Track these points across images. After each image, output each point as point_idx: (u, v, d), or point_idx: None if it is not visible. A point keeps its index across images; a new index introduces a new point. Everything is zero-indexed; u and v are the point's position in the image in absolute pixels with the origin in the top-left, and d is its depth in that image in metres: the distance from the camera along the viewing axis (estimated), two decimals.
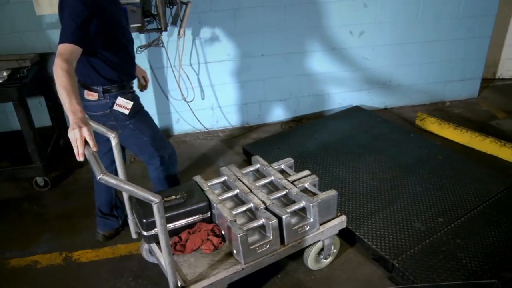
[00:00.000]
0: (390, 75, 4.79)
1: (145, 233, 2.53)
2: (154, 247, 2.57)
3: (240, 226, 2.35)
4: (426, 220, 3.04)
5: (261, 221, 2.42)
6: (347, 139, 4.11)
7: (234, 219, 2.42)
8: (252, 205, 2.54)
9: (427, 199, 3.25)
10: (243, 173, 2.83)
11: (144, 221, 2.48)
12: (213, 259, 2.46)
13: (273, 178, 2.78)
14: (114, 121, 2.62)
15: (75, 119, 1.91)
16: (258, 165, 2.92)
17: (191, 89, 4.27)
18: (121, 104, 2.57)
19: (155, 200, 1.91)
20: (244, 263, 2.39)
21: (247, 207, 2.56)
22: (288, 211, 2.45)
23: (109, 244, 3.15)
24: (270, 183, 2.81)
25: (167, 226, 2.49)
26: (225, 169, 2.87)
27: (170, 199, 2.57)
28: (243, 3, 4.08)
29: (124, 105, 2.57)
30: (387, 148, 3.93)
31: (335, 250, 2.84)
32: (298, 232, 2.52)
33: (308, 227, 2.54)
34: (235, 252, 2.42)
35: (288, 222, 2.43)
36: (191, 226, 2.60)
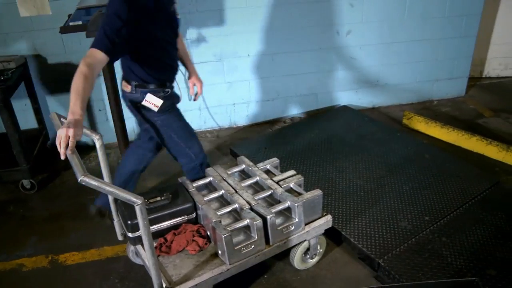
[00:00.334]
0: (377, 75, 4.80)
1: (130, 234, 2.52)
2: (139, 248, 2.57)
3: (224, 226, 2.35)
4: (412, 219, 3.05)
5: (245, 222, 2.42)
6: (334, 139, 4.11)
7: (219, 219, 2.41)
8: (237, 205, 2.54)
9: (414, 198, 3.26)
10: (228, 173, 2.83)
11: (128, 223, 2.47)
12: (198, 260, 2.45)
13: (258, 178, 2.78)
14: (145, 114, 2.73)
15: (71, 119, 1.97)
16: (243, 166, 2.92)
17: (177, 90, 4.24)
18: (150, 101, 2.66)
19: (137, 201, 1.90)
20: (229, 264, 2.39)
21: (232, 208, 2.56)
22: (273, 211, 2.45)
23: (96, 246, 3.14)
24: (255, 183, 2.81)
25: (152, 227, 2.51)
26: (211, 170, 2.87)
27: (155, 200, 2.57)
28: (229, 4, 4.07)
29: (153, 102, 2.66)
30: (374, 147, 3.94)
31: (321, 249, 2.84)
32: (283, 232, 2.52)
33: (293, 227, 2.54)
34: (220, 252, 2.42)
35: (272, 222, 2.43)
36: (177, 227, 2.60)
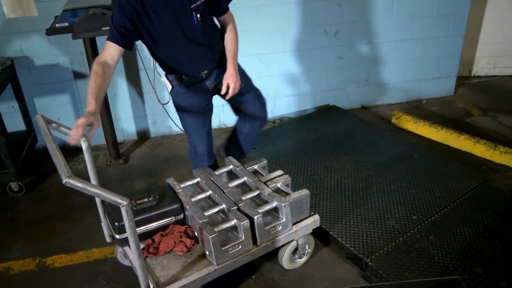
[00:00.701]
0: (366, 74, 4.81)
1: (117, 236, 2.52)
2: (127, 250, 2.57)
3: (211, 227, 2.35)
4: (400, 218, 3.06)
5: (232, 222, 2.42)
6: (323, 139, 4.12)
7: (206, 220, 2.41)
8: (224, 206, 2.54)
9: (402, 197, 3.27)
10: (216, 174, 2.83)
11: (116, 224, 2.47)
12: (186, 261, 2.45)
13: (245, 179, 2.78)
14: None
15: (86, 110, 2.10)
16: (231, 166, 2.92)
17: (166, 91, 4.24)
18: (164, 80, 2.85)
19: (123, 203, 1.90)
20: (216, 264, 2.39)
21: (219, 208, 2.55)
22: (260, 211, 2.45)
23: (84, 248, 3.13)
24: (243, 184, 2.81)
25: (139, 228, 2.51)
26: (198, 170, 2.87)
27: (142, 201, 2.57)
28: None
29: (165, 83, 2.85)
30: (362, 147, 3.95)
31: (309, 249, 2.85)
32: (270, 232, 2.52)
33: (280, 227, 2.55)
34: (207, 253, 2.42)
35: (259, 222, 2.43)
36: (164, 228, 2.59)
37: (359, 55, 4.67)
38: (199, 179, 2.81)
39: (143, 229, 2.53)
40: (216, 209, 2.55)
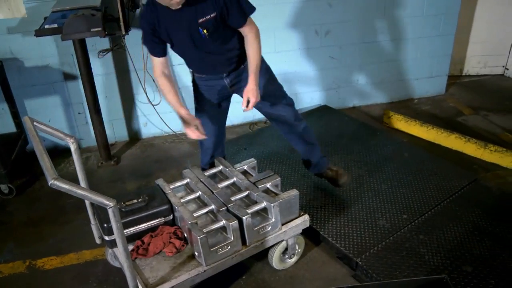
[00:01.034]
0: (357, 74, 4.82)
1: (106, 237, 2.52)
2: (117, 251, 2.56)
3: (200, 228, 2.34)
4: (390, 217, 3.07)
5: (221, 223, 2.42)
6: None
7: (195, 221, 2.41)
8: (213, 207, 2.54)
9: (392, 196, 3.28)
10: (205, 175, 2.82)
11: (105, 226, 2.46)
12: (175, 262, 2.45)
13: (235, 179, 2.78)
14: None
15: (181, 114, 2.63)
16: (220, 167, 2.92)
17: (157, 92, 4.24)
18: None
19: (109, 204, 1.90)
20: (205, 265, 2.38)
21: (208, 209, 2.55)
22: (248, 212, 2.45)
23: (74, 250, 3.11)
24: (232, 184, 2.80)
25: (129, 230, 2.51)
26: (188, 171, 2.86)
27: (131, 203, 2.57)
28: None
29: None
30: (353, 146, 3.96)
31: (299, 249, 2.85)
32: (259, 232, 2.52)
33: (269, 227, 2.55)
34: (196, 254, 2.42)
35: (248, 223, 2.43)
36: (154, 229, 2.59)
37: (350, 55, 4.67)
38: (188, 180, 2.81)
39: (132, 230, 2.52)
40: (205, 210, 2.55)
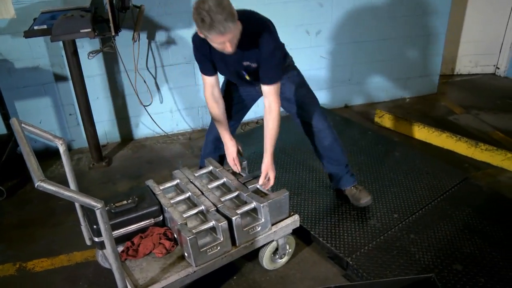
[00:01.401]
0: (349, 73, 4.82)
1: (96, 239, 2.51)
2: (106, 252, 2.55)
3: (189, 229, 2.34)
4: (381, 216, 3.07)
5: (211, 223, 2.41)
6: (305, 139, 4.08)
7: (184, 222, 2.40)
8: (203, 207, 2.53)
9: (383, 195, 3.28)
10: (195, 175, 2.82)
11: (94, 227, 2.45)
12: (165, 262, 2.44)
13: (225, 179, 2.78)
14: None
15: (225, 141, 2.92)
16: (211, 167, 2.92)
17: (148, 93, 4.24)
18: None
19: (97, 205, 1.88)
20: (195, 266, 2.38)
21: (198, 210, 2.55)
22: (238, 212, 2.45)
23: (65, 251, 3.10)
24: (222, 184, 2.80)
25: (118, 231, 2.50)
26: (178, 172, 2.86)
27: (121, 204, 2.56)
28: None
29: None
30: (344, 146, 3.93)
31: (290, 249, 2.84)
32: (249, 233, 2.51)
33: (259, 228, 2.54)
34: (186, 255, 2.41)
35: (238, 223, 2.42)
36: (144, 230, 2.58)
37: (342, 54, 4.68)
38: (178, 181, 2.80)
39: (122, 231, 2.52)
40: (195, 211, 2.54)
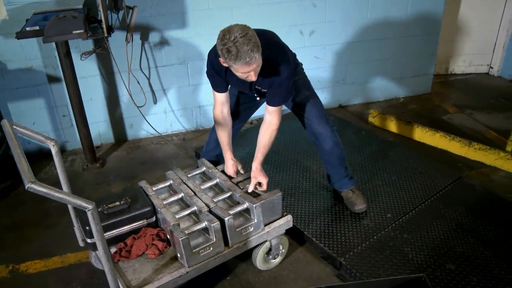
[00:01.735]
0: (343, 74, 4.82)
1: (88, 240, 2.50)
2: (99, 254, 2.54)
3: (182, 229, 2.34)
4: (374, 216, 3.07)
5: (203, 224, 2.41)
6: (299, 139, 4.12)
7: (177, 223, 2.40)
8: (196, 208, 2.53)
9: (377, 195, 3.29)
10: (188, 176, 2.82)
11: (87, 228, 2.45)
12: (158, 263, 2.44)
13: (218, 180, 2.78)
14: None
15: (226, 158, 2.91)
16: (204, 168, 2.91)
17: (142, 94, 4.23)
18: None
19: (88, 207, 1.88)
20: (188, 267, 2.37)
21: (190, 211, 2.55)
22: (231, 213, 2.45)
23: (59, 253, 3.09)
24: (215, 185, 2.80)
25: (111, 232, 2.50)
26: (171, 173, 2.86)
27: (114, 205, 2.55)
28: (191, 6, 4.06)
29: None
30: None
31: (283, 250, 2.84)
32: (242, 233, 2.51)
33: (252, 228, 2.54)
34: (179, 255, 2.41)
35: (230, 223, 2.42)
36: (137, 231, 2.58)
37: (336, 54, 4.68)
38: (171, 182, 2.80)
39: (115, 232, 2.51)
40: (187, 211, 2.54)
